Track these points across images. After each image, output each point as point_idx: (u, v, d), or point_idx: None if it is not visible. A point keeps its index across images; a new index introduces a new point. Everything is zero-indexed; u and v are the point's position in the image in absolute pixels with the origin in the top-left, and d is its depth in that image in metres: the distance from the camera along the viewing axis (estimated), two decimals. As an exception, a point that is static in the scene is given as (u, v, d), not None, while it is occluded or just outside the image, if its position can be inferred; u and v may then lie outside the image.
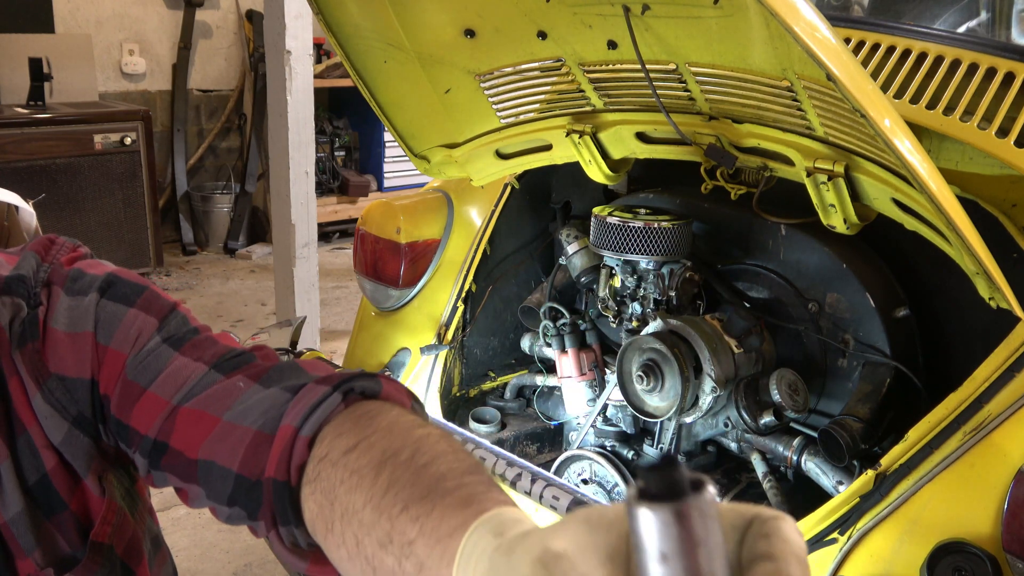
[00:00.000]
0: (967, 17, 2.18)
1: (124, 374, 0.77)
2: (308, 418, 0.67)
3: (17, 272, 0.78)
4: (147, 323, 0.79)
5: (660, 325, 1.53)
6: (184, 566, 2.34)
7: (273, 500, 0.68)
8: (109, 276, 0.81)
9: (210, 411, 0.73)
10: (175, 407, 0.75)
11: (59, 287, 0.79)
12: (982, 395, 1.15)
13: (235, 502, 0.71)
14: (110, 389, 0.78)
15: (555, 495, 1.30)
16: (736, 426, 1.55)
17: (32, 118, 4.01)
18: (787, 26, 0.94)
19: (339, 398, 0.68)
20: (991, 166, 1.35)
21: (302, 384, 0.72)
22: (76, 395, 0.78)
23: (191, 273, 4.81)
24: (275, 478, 0.67)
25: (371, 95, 1.69)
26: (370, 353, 1.96)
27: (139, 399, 0.76)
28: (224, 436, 0.72)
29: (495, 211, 1.96)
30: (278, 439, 0.68)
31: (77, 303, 0.78)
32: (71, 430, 0.78)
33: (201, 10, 5.05)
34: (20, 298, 0.77)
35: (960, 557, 1.06)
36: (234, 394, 0.73)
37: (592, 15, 1.32)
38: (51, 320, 0.78)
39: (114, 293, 0.79)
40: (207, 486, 0.73)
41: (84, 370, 0.77)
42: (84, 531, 0.81)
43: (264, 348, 0.80)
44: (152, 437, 0.76)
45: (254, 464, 0.70)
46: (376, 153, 5.34)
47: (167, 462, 0.75)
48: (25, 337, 0.77)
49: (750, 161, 1.47)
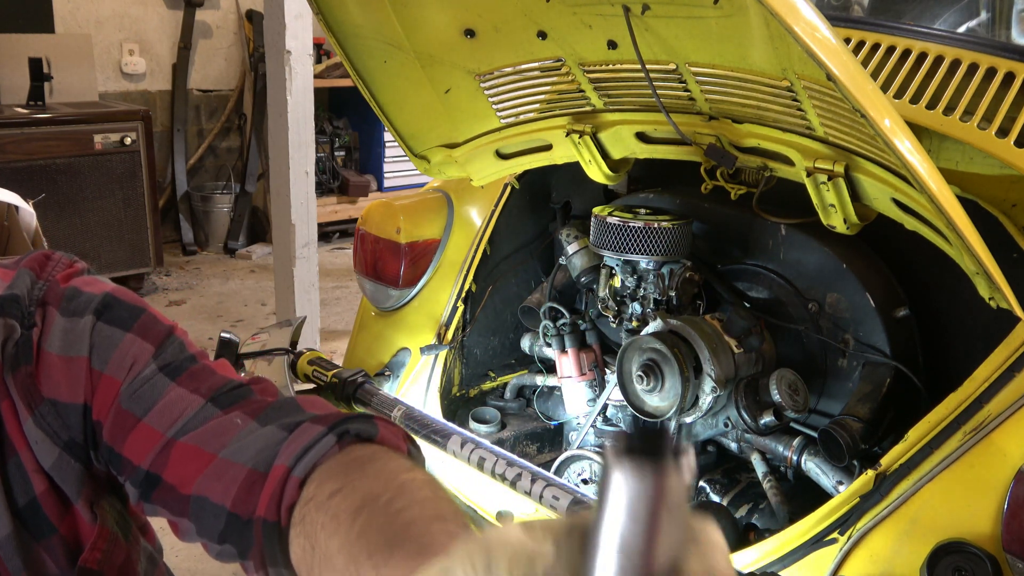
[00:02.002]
0: (967, 17, 2.18)
1: (118, 402, 0.76)
2: (301, 459, 0.67)
3: (11, 292, 0.77)
4: (143, 349, 0.77)
5: (660, 325, 1.53)
6: (184, 566, 2.34)
7: (263, 541, 0.67)
8: (106, 297, 0.79)
9: (206, 447, 0.72)
10: (170, 440, 0.74)
11: (54, 307, 0.77)
12: (982, 395, 1.15)
13: (226, 539, 0.71)
14: (103, 416, 0.76)
15: (555, 495, 1.30)
16: (736, 426, 1.54)
17: (32, 118, 4.00)
18: (787, 26, 0.94)
19: (333, 440, 0.68)
20: (991, 166, 1.35)
21: (298, 422, 0.71)
22: (68, 420, 0.76)
23: (191, 273, 4.81)
24: (265, 518, 0.67)
25: (371, 95, 1.69)
26: (370, 353, 1.96)
27: (133, 429, 0.75)
28: (218, 473, 0.71)
29: (495, 211, 1.96)
30: (270, 479, 0.67)
31: (72, 325, 0.77)
32: (62, 455, 0.77)
33: (201, 10, 5.05)
34: (13, 319, 0.75)
35: (960, 557, 1.06)
36: (231, 431, 0.73)
37: (592, 15, 1.32)
38: (45, 343, 0.76)
39: (111, 316, 0.78)
40: (199, 522, 0.73)
41: (77, 395, 0.76)
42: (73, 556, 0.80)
43: (262, 381, 0.80)
44: (145, 469, 0.75)
45: (247, 503, 0.69)
46: (376, 153, 5.34)
47: (159, 495, 0.75)
48: (19, 360, 0.75)
49: (750, 161, 1.47)
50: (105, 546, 0.80)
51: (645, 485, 0.30)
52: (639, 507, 0.30)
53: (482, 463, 1.41)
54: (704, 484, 1.62)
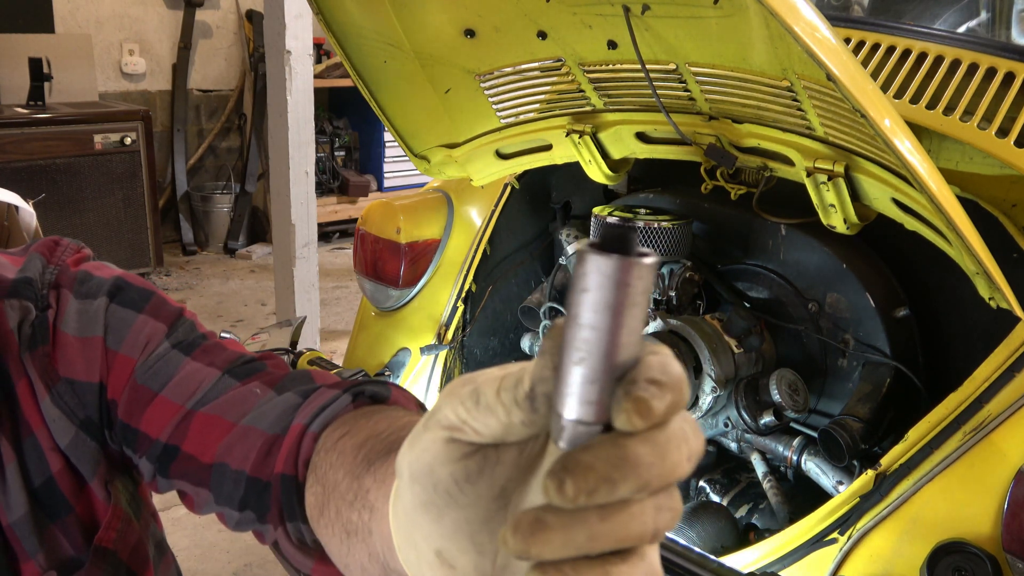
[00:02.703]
0: (967, 17, 2.18)
1: (133, 379, 0.78)
2: (317, 416, 0.69)
3: (24, 275, 0.79)
4: (156, 329, 0.80)
5: (660, 325, 1.53)
6: (185, 566, 2.34)
7: (281, 495, 0.69)
8: (117, 280, 0.81)
9: (227, 416, 0.74)
10: (189, 411, 0.76)
11: (68, 290, 0.80)
12: (982, 395, 1.15)
13: (246, 505, 0.72)
14: (118, 394, 0.78)
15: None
16: (736, 426, 1.54)
17: (32, 118, 4.00)
18: (787, 26, 0.94)
19: (348, 399, 0.70)
20: (991, 166, 1.35)
21: (314, 388, 0.74)
22: (84, 399, 0.78)
23: (191, 273, 4.81)
24: (284, 473, 0.68)
25: (371, 95, 1.69)
26: (370, 353, 1.96)
27: (150, 404, 0.77)
28: (239, 440, 0.73)
29: (495, 211, 1.96)
30: (288, 437, 0.69)
31: (86, 307, 0.79)
32: (78, 434, 0.78)
33: (201, 10, 5.05)
34: (28, 301, 0.78)
35: (960, 557, 1.06)
36: (250, 400, 0.75)
37: (592, 15, 1.32)
38: (61, 323, 0.78)
39: (123, 298, 0.80)
40: (218, 490, 0.74)
41: (93, 374, 0.78)
42: (88, 535, 0.81)
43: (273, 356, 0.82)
44: (163, 441, 0.76)
45: (266, 465, 0.71)
46: (376, 153, 5.34)
47: (178, 466, 0.76)
48: (36, 340, 0.77)
49: (750, 161, 1.47)
50: (120, 525, 0.82)
51: (613, 270, 0.33)
52: (608, 289, 0.33)
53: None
54: (704, 484, 1.62)
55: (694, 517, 1.46)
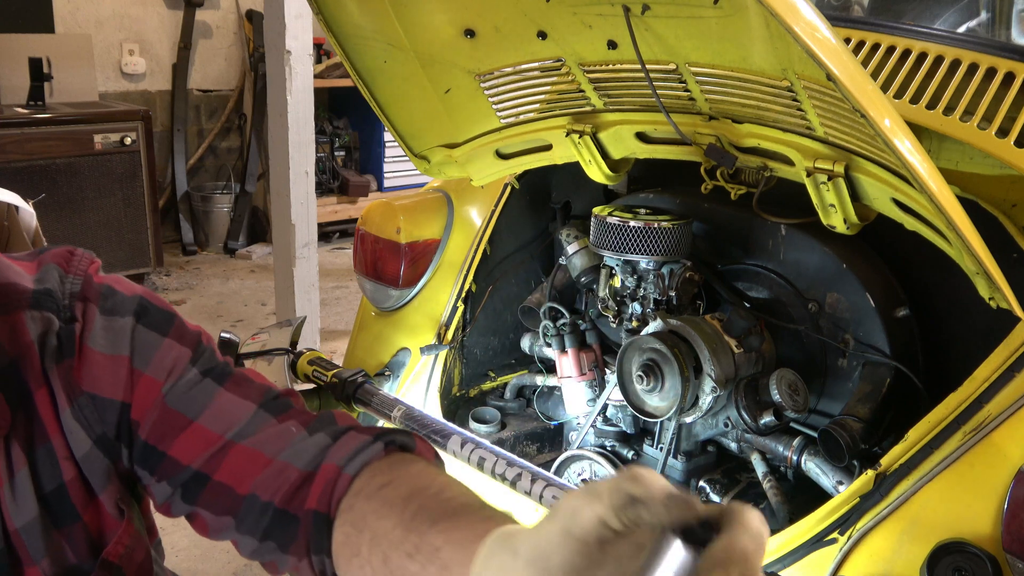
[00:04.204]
0: (967, 17, 2.18)
1: (164, 402, 0.81)
2: (352, 459, 0.76)
3: (44, 286, 0.80)
4: (182, 353, 0.83)
5: (660, 325, 1.53)
6: (184, 566, 2.34)
7: (311, 530, 0.75)
8: (141, 300, 0.84)
9: (265, 451, 0.80)
10: (228, 443, 0.80)
11: (94, 304, 0.82)
12: (982, 395, 1.15)
13: (269, 535, 0.78)
14: (142, 415, 0.81)
15: (555, 495, 1.30)
16: (736, 426, 1.54)
17: (32, 118, 4.00)
18: (787, 26, 0.94)
19: (381, 447, 0.77)
20: (991, 166, 1.35)
21: (344, 430, 0.81)
22: (104, 415, 0.80)
23: (191, 273, 4.81)
24: (317, 510, 0.75)
25: (371, 95, 1.69)
26: (370, 353, 1.96)
27: (184, 430, 0.80)
28: (275, 475, 0.78)
29: (495, 211, 1.96)
30: (321, 476, 0.76)
31: (112, 324, 0.81)
32: (92, 448, 0.80)
33: (201, 10, 5.05)
34: (50, 312, 0.79)
35: (960, 557, 1.06)
36: (286, 437, 0.81)
37: (592, 15, 1.32)
38: (88, 339, 0.80)
39: (149, 320, 0.83)
40: (243, 519, 0.79)
41: (117, 392, 0.80)
42: (94, 546, 0.82)
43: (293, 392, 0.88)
44: (195, 469, 0.80)
45: (296, 499, 0.77)
46: (376, 153, 5.34)
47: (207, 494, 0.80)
48: (62, 353, 0.79)
49: (750, 161, 1.47)
50: (129, 541, 0.84)
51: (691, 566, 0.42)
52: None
53: (482, 463, 1.41)
54: (704, 484, 1.62)
55: (694, 517, 1.46)
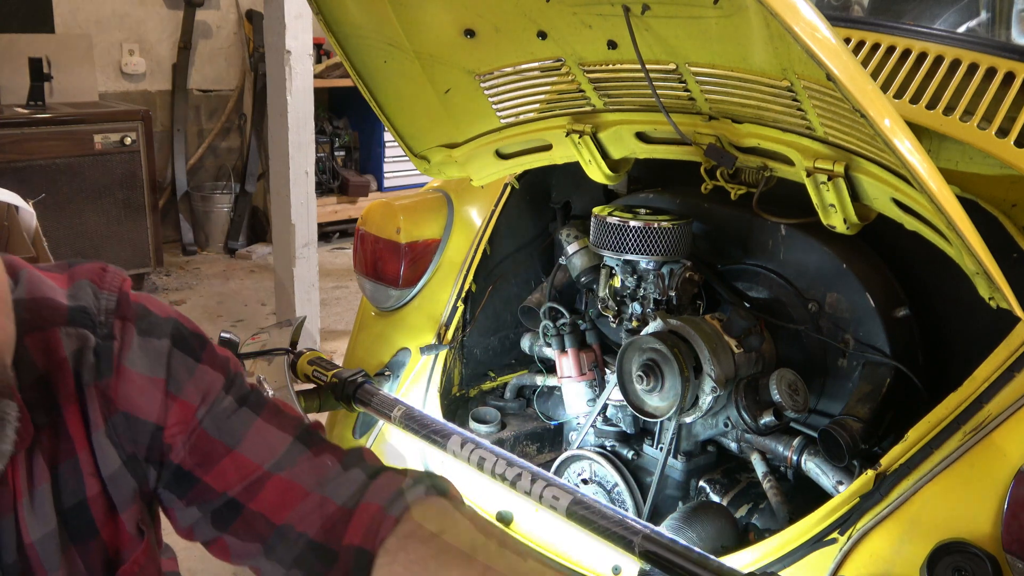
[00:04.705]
0: (967, 17, 2.18)
1: (199, 428, 0.82)
2: (396, 501, 0.80)
3: (79, 303, 0.81)
4: (215, 379, 0.85)
5: (660, 325, 1.53)
6: (184, 566, 2.33)
7: (351, 565, 0.78)
8: (176, 325, 0.86)
9: (304, 484, 0.82)
10: (267, 473, 0.82)
11: (131, 323, 0.83)
12: (982, 395, 1.15)
13: (299, 565, 0.81)
14: (175, 439, 0.82)
15: (555, 495, 1.30)
16: (736, 426, 1.54)
17: (32, 118, 4.00)
18: (787, 26, 0.94)
19: (422, 490, 0.82)
20: (991, 166, 1.35)
21: (379, 470, 0.86)
22: (137, 436, 0.81)
23: (191, 273, 4.81)
24: (360, 546, 0.78)
25: (371, 95, 1.69)
26: (370, 353, 1.96)
27: (224, 458, 0.82)
28: (314, 508, 0.81)
29: (495, 211, 1.96)
30: (363, 514, 0.80)
31: (149, 345, 0.82)
32: (121, 467, 0.81)
33: (201, 10, 5.05)
34: (85, 329, 0.80)
35: (960, 557, 1.06)
36: (323, 471, 0.84)
37: (592, 15, 1.32)
38: (124, 358, 0.81)
39: (184, 345, 0.85)
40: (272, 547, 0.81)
41: (151, 414, 0.81)
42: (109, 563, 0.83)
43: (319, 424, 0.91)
44: (230, 496, 0.81)
45: (333, 533, 0.80)
46: (376, 153, 5.34)
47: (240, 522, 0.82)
48: (101, 371, 0.80)
49: (750, 161, 1.47)
50: (144, 562, 0.84)
51: None
52: None
53: (482, 463, 1.41)
54: (704, 484, 1.62)
55: (694, 517, 1.46)
